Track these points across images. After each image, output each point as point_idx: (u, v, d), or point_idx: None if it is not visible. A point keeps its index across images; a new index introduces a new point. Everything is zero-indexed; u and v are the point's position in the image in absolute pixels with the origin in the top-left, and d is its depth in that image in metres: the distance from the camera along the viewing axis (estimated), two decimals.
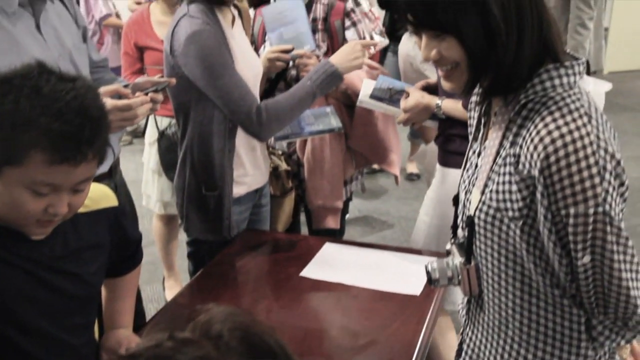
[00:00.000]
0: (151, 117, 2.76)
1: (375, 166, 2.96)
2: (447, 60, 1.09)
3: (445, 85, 1.15)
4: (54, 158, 1.06)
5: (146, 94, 1.68)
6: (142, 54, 2.74)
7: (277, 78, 2.31)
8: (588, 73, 3.59)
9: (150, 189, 2.92)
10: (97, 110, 1.12)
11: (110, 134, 1.69)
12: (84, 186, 1.16)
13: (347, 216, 3.65)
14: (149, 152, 2.88)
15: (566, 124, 1.02)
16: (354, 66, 1.95)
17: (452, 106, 1.92)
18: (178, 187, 2.04)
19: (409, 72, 2.79)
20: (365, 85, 2.13)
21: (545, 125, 1.03)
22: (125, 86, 1.75)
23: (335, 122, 2.10)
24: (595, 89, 3.44)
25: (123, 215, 1.40)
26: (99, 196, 1.33)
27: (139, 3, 3.23)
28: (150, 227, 3.16)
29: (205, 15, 1.83)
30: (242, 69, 1.91)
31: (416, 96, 1.98)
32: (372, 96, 2.10)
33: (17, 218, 1.13)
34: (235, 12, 2.03)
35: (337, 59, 1.92)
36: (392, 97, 2.09)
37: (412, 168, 4.61)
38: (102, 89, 1.65)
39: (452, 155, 1.99)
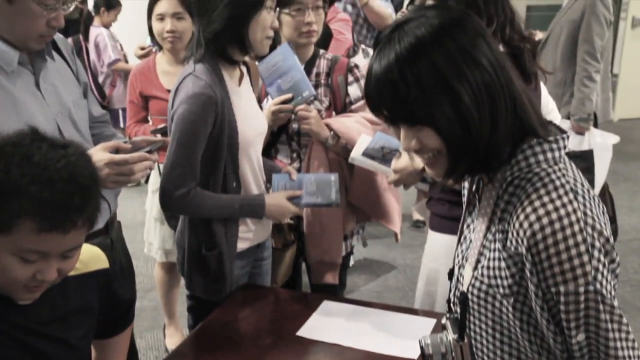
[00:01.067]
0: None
1: None
2: (428, 149, 1.08)
3: (429, 172, 1.14)
4: (43, 226, 1.06)
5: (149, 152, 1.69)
6: (147, 102, 2.77)
7: (280, 130, 2.32)
8: (596, 125, 3.60)
9: (152, 236, 2.91)
10: (87, 178, 1.12)
11: (106, 189, 1.71)
12: (74, 253, 1.15)
13: (352, 261, 3.63)
14: (152, 200, 2.88)
15: (551, 200, 1.01)
16: (277, 219, 2.04)
17: None
18: (179, 244, 2.03)
19: None
20: (360, 142, 2.13)
21: (531, 203, 1.02)
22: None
23: (334, 197, 2.07)
24: (602, 142, 3.44)
25: (114, 278, 1.39)
26: (89, 258, 1.32)
27: (143, 49, 3.27)
28: (153, 273, 3.15)
29: (210, 76, 1.84)
30: (246, 127, 1.92)
31: (407, 158, 1.97)
32: (365, 154, 2.10)
33: (4, 283, 1.13)
34: (244, 69, 2.04)
35: (271, 205, 1.96)
36: (384, 156, 2.08)
37: (418, 215, 4.59)
38: (102, 145, 1.66)
39: (440, 220, 1.97)
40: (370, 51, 3.62)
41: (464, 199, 1.30)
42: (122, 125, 4.91)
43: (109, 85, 4.89)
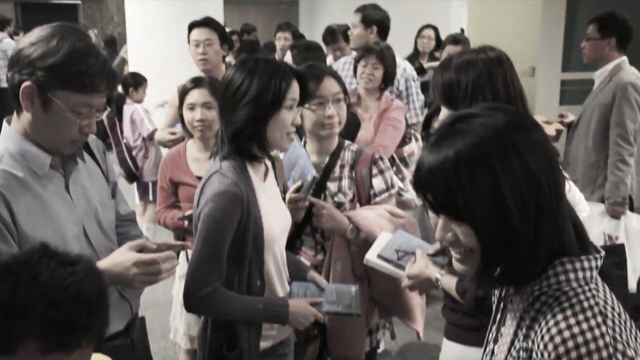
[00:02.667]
0: (182, 251, 2.78)
1: None
2: (462, 245, 1.07)
3: (457, 266, 1.12)
4: (47, 347, 1.06)
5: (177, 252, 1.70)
6: (176, 189, 2.81)
7: (304, 222, 2.32)
8: (632, 209, 3.51)
9: (178, 321, 2.90)
10: (95, 295, 1.13)
11: (133, 289, 1.72)
12: None
13: (381, 348, 3.54)
14: (179, 285, 2.88)
15: (578, 323, 0.98)
16: (300, 325, 1.98)
17: (449, 284, 1.86)
18: (200, 340, 2.01)
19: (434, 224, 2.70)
20: (378, 241, 2.11)
21: (556, 323, 0.99)
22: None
23: (355, 307, 2.06)
24: (639, 227, 3.35)
25: None
26: None
27: (173, 133, 3.34)
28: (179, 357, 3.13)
29: (236, 173, 1.85)
30: (271, 223, 1.92)
31: (420, 265, 1.93)
32: (379, 256, 2.07)
33: None
34: (269, 164, 2.06)
35: (293, 310, 1.94)
36: (400, 259, 2.05)
37: None
38: (128, 245, 1.68)
39: (454, 328, 1.93)
40: (419, 136, 3.66)
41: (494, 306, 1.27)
42: (151, 198, 4.99)
43: (141, 158, 5.01)
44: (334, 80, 2.29)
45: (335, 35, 5.56)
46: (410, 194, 2.81)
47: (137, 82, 5.16)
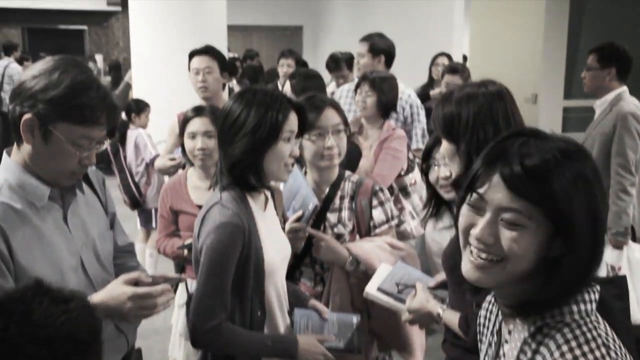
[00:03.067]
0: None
1: None
2: (496, 251, 1.04)
3: (473, 274, 1.09)
4: None
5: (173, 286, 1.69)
6: (177, 217, 2.80)
7: (304, 253, 2.31)
8: (634, 239, 3.49)
9: (177, 352, 2.88)
10: (88, 334, 1.13)
11: (128, 323, 1.71)
12: None
13: None
14: (177, 315, 2.87)
15: (584, 354, 0.98)
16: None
17: (450, 319, 1.84)
18: None
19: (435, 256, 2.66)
20: (377, 274, 2.10)
21: (562, 355, 0.99)
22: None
23: (357, 341, 2.04)
24: None
25: None
26: None
27: (173, 159, 3.35)
28: None
29: (236, 204, 1.85)
30: (271, 253, 1.92)
31: (421, 299, 1.92)
32: (379, 289, 2.06)
33: None
34: (268, 193, 2.06)
35: (304, 347, 1.91)
36: (400, 292, 2.03)
37: None
38: (122, 277, 1.67)
39: None
40: None
41: (480, 336, 1.27)
42: (154, 225, 4.98)
43: (144, 184, 5.02)
44: (335, 111, 2.30)
45: (339, 63, 5.60)
46: (409, 225, 2.80)
47: (139, 108, 5.21)
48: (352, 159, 2.47)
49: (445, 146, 1.81)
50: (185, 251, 2.66)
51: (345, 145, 2.32)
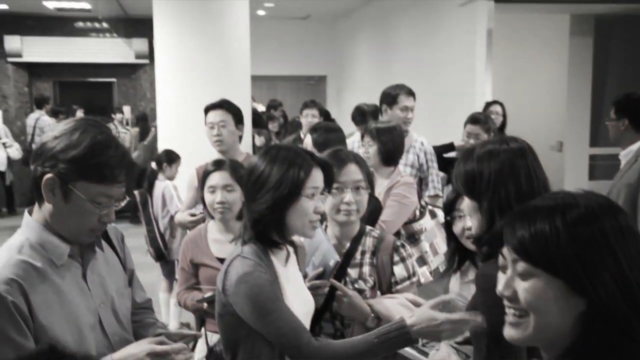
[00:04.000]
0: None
1: None
2: (518, 305, 1.08)
3: (507, 332, 1.13)
4: None
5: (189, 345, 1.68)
6: (197, 270, 2.80)
7: (324, 307, 2.27)
8: None
9: None
10: None
11: None
12: None
13: None
14: None
15: None
16: (432, 338, 1.86)
17: None
18: None
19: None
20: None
21: None
22: (159, 335, 1.75)
23: None
24: None
25: None
26: None
27: (193, 215, 3.37)
28: None
29: (257, 257, 1.86)
30: (294, 307, 1.90)
31: (444, 354, 1.87)
32: None
33: None
34: (290, 249, 2.06)
35: (417, 326, 1.81)
36: (425, 345, 1.99)
37: None
38: (148, 340, 1.67)
39: None
40: (437, 212, 3.61)
41: None
42: (177, 276, 4.97)
43: (168, 236, 5.03)
44: (358, 168, 2.30)
45: (365, 115, 5.63)
46: (418, 273, 2.74)
47: (170, 159, 5.21)
48: (373, 213, 2.45)
49: (467, 202, 1.81)
50: (205, 304, 2.65)
51: (365, 202, 2.32)
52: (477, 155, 1.76)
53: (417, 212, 3.50)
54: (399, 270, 2.30)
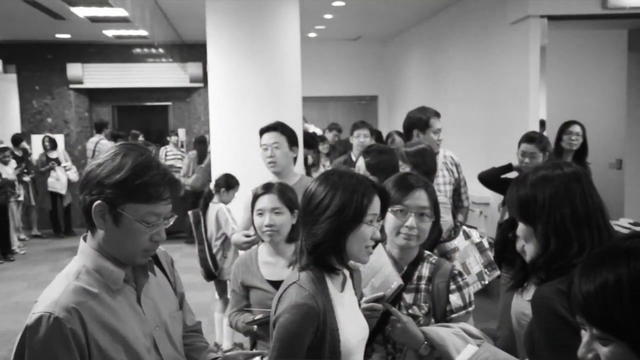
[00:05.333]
0: None
1: None
2: None
3: None
4: None
5: None
6: (248, 292, 2.82)
7: (377, 330, 2.25)
8: None
9: None
10: None
11: None
12: None
13: None
14: None
15: None
16: None
17: None
18: None
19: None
20: (464, 353, 2.00)
21: None
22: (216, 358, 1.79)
23: None
24: None
25: None
26: None
27: (248, 236, 3.40)
28: None
29: (314, 285, 1.87)
30: (348, 335, 1.90)
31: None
32: None
33: None
34: (347, 273, 2.06)
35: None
36: None
37: None
38: None
39: None
40: (472, 232, 3.57)
41: None
42: (229, 295, 5.03)
43: (220, 257, 5.08)
44: (426, 195, 2.30)
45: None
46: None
47: (229, 184, 5.21)
48: (431, 237, 2.41)
49: (522, 229, 1.82)
50: (256, 327, 2.66)
51: (427, 230, 2.30)
52: (531, 181, 1.78)
53: (452, 232, 3.48)
54: (454, 299, 2.25)
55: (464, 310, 2.26)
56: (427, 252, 2.37)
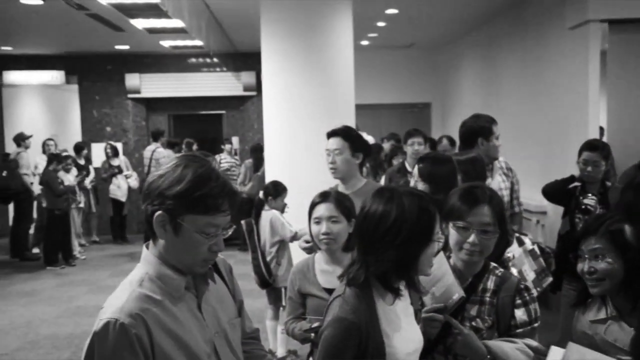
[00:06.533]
0: None
1: None
2: None
3: None
4: None
5: None
6: (304, 300, 2.83)
7: (437, 340, 2.22)
8: None
9: None
10: None
11: None
12: None
13: None
14: None
15: None
16: None
17: None
18: None
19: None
20: (551, 356, 1.95)
21: None
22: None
23: None
24: None
25: None
26: None
27: (308, 242, 3.41)
28: None
29: (358, 302, 1.86)
30: (396, 349, 1.89)
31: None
32: None
33: None
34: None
35: None
36: None
37: None
38: None
39: None
40: (525, 239, 3.51)
41: None
42: (283, 302, 5.07)
43: (274, 265, 5.11)
44: (489, 210, 2.24)
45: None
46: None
47: (277, 191, 5.25)
48: (499, 249, 2.35)
49: (628, 230, 1.85)
50: (312, 335, 2.67)
51: (491, 245, 2.25)
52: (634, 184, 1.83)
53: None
54: (520, 314, 2.20)
55: (529, 326, 2.19)
56: (493, 265, 2.31)
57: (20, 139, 10.14)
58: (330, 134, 3.56)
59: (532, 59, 7.51)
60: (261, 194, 5.33)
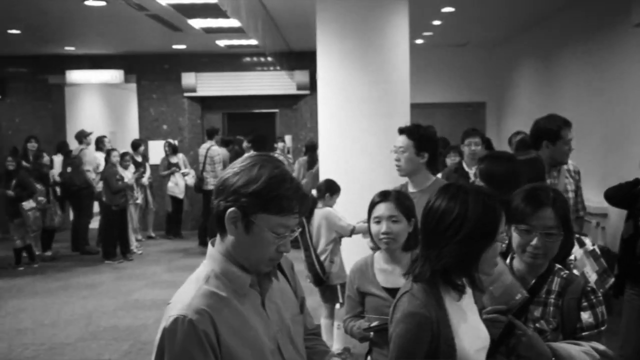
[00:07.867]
0: None
1: None
2: None
3: None
4: None
5: None
6: (363, 298, 2.84)
7: (500, 341, 2.19)
8: None
9: None
10: None
11: None
12: None
13: None
14: None
15: None
16: None
17: None
18: None
19: None
20: None
21: None
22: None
23: None
24: None
25: None
26: None
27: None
28: None
29: (427, 296, 1.86)
30: (465, 346, 1.88)
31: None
32: None
33: None
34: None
35: None
36: None
37: None
38: None
39: None
40: (585, 240, 3.43)
41: None
42: (340, 299, 5.08)
43: (327, 262, 5.12)
44: (553, 212, 2.19)
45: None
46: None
47: (332, 190, 5.26)
48: (564, 250, 2.31)
49: None
50: (371, 334, 2.67)
51: (555, 248, 2.21)
52: None
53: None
54: (586, 317, 2.15)
55: (595, 329, 2.14)
56: (557, 266, 2.27)
57: (82, 136, 10.46)
58: (399, 131, 3.55)
59: (594, 58, 7.31)
60: (314, 191, 5.35)
